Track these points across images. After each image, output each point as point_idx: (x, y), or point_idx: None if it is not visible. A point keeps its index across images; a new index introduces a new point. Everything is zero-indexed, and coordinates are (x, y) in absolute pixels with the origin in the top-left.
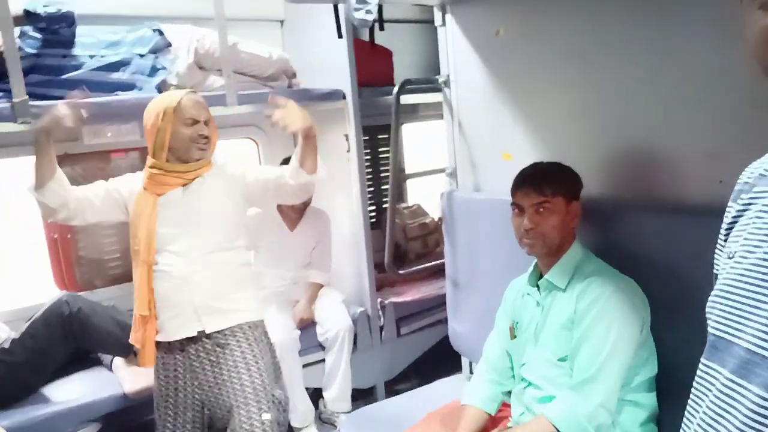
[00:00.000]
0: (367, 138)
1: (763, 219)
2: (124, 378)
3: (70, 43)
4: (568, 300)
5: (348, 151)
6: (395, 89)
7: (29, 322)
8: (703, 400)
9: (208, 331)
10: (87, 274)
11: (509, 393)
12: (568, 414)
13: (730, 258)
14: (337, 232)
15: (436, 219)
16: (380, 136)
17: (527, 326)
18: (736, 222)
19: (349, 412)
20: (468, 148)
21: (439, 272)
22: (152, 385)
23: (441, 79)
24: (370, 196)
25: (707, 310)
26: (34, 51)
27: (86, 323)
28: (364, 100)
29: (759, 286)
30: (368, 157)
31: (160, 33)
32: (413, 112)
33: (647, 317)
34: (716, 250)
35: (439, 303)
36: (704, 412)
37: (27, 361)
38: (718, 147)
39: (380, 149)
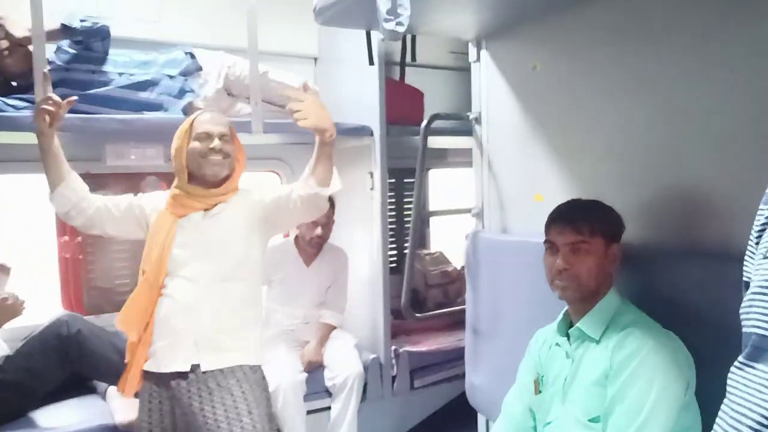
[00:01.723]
0: (392, 180)
1: None
2: (116, 408)
3: (101, 59)
4: (603, 353)
5: (372, 188)
6: (423, 124)
7: (24, 341)
8: (749, 401)
9: (204, 368)
10: (95, 298)
11: None
12: None
13: (765, 258)
14: (354, 273)
15: (459, 268)
16: (406, 180)
17: (554, 380)
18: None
19: None
20: (497, 187)
21: (459, 323)
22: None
23: (472, 116)
24: (392, 239)
25: (743, 311)
26: (64, 64)
27: (84, 346)
28: (392, 139)
29: None
30: (392, 200)
31: (192, 56)
32: (441, 157)
33: (692, 377)
34: (746, 257)
35: (457, 356)
36: (757, 413)
37: (18, 381)
38: None
39: (405, 193)
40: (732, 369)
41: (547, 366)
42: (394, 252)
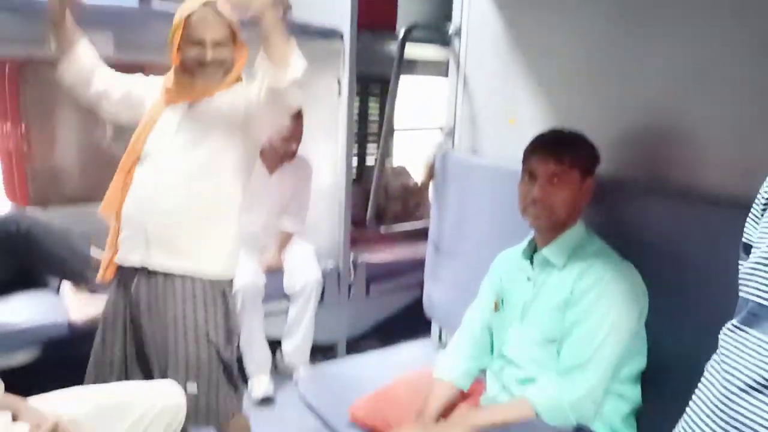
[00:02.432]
0: (357, 88)
1: None
2: (71, 305)
3: None
4: (565, 279)
5: (339, 95)
6: (400, 34)
7: None
8: (740, 364)
9: (151, 267)
10: (41, 190)
11: (484, 368)
12: (552, 400)
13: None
14: (317, 182)
15: (419, 183)
16: (372, 88)
17: (515, 302)
18: None
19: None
20: (470, 107)
21: (415, 235)
22: (99, 313)
23: (451, 29)
24: (354, 149)
25: (744, 276)
26: None
27: (35, 244)
28: (362, 45)
29: None
30: (356, 108)
31: None
32: (411, 65)
33: (645, 307)
34: (750, 219)
35: (412, 267)
36: (747, 376)
37: None
38: (747, 133)
39: (370, 102)
40: (725, 330)
41: (509, 287)
42: (356, 162)
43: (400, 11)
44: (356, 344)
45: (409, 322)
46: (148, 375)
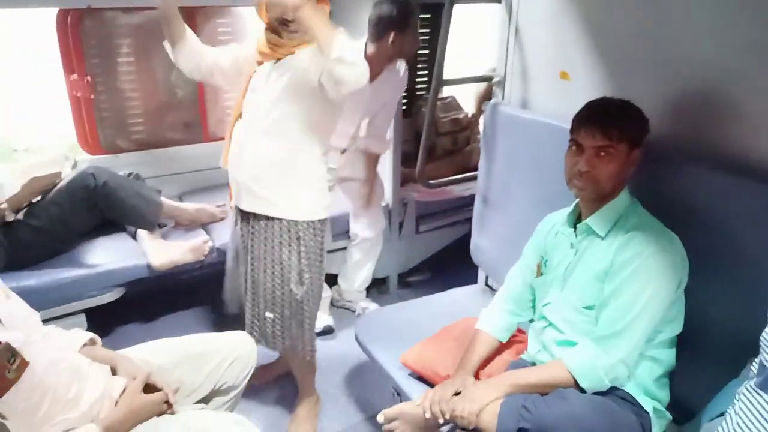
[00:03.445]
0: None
1: None
2: (148, 249)
3: None
4: (606, 250)
5: None
6: None
7: (54, 190)
8: (756, 427)
9: (243, 208)
10: (111, 137)
11: (525, 321)
12: (588, 365)
13: None
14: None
15: (470, 115)
16: (421, 16)
17: (557, 266)
18: None
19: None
20: (522, 58)
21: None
22: (174, 258)
23: None
24: None
25: (765, 343)
26: None
27: (111, 197)
28: None
29: None
30: None
31: None
32: None
33: (685, 278)
34: None
35: (461, 204)
36: None
37: (50, 228)
38: None
39: (420, 30)
40: (742, 390)
41: (552, 252)
42: (406, 95)
43: None
44: (407, 277)
45: (456, 259)
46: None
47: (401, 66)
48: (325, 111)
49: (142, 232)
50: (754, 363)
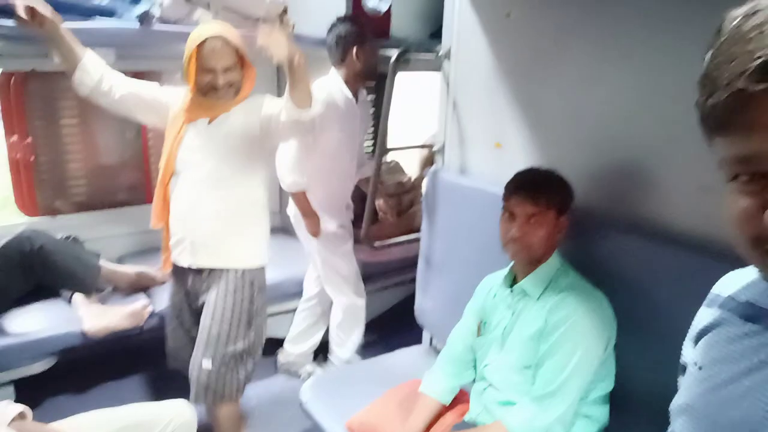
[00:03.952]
0: None
1: (728, 347)
2: (83, 315)
3: None
4: (540, 310)
5: None
6: (392, 58)
7: None
8: None
9: (198, 266)
10: (49, 199)
11: (467, 383)
12: (526, 425)
13: (696, 366)
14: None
15: (413, 178)
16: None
17: (495, 327)
18: (706, 332)
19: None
20: (459, 128)
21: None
22: (110, 325)
23: (442, 52)
24: None
25: (672, 410)
26: None
27: (48, 261)
28: None
29: (719, 408)
30: None
31: None
32: (405, 62)
33: (613, 336)
34: (685, 344)
35: (405, 265)
36: None
37: None
38: (710, 181)
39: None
40: None
41: (490, 313)
42: None
43: (393, 21)
44: None
45: (402, 320)
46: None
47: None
48: (266, 157)
49: (77, 297)
50: None
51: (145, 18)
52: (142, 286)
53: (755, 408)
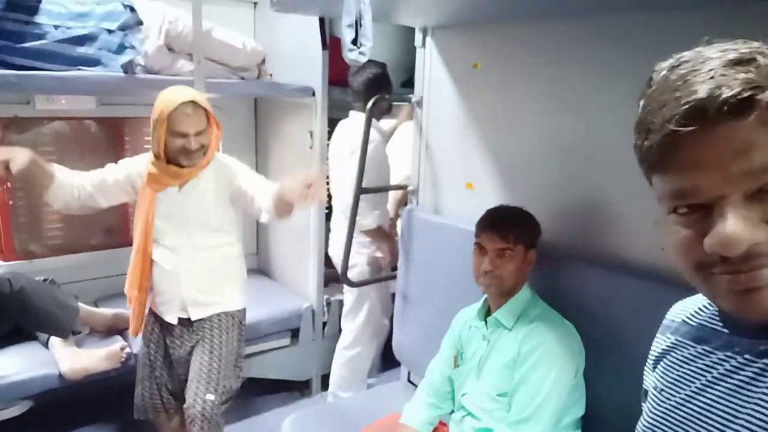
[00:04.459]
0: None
1: (684, 368)
2: (60, 358)
3: (34, 8)
4: (513, 340)
5: (311, 147)
6: (368, 106)
7: None
8: None
9: (191, 319)
10: (26, 242)
11: (446, 413)
12: None
13: (656, 390)
14: (290, 224)
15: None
16: None
17: (471, 357)
18: (663, 357)
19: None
20: (432, 169)
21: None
22: (88, 367)
23: (414, 99)
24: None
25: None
26: None
27: (26, 303)
28: (332, 98)
29: (680, 425)
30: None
31: (132, 9)
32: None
33: (582, 363)
34: (645, 370)
35: None
36: None
37: None
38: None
39: None
40: None
41: (467, 344)
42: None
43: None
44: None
45: (380, 356)
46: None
47: None
48: (239, 209)
49: (54, 340)
50: None
51: (129, 67)
52: (119, 328)
53: (712, 422)
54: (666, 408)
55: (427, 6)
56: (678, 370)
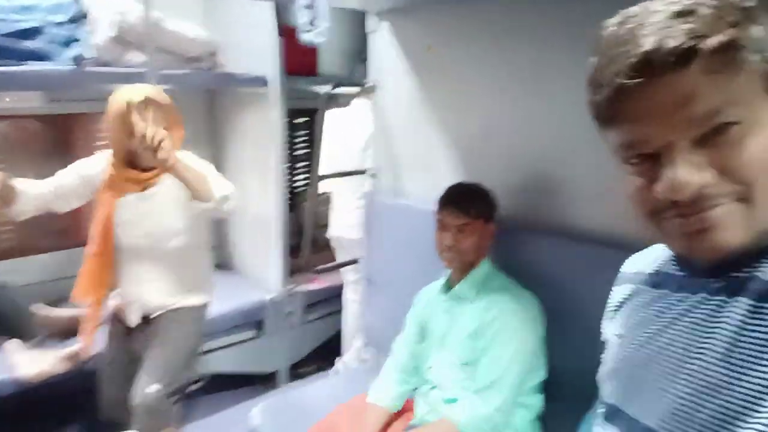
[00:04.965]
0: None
1: (642, 312)
2: (17, 362)
3: None
4: (475, 311)
5: (269, 136)
6: (324, 89)
7: None
8: None
9: (151, 317)
10: None
11: (413, 389)
12: (469, 416)
13: (617, 337)
14: (251, 216)
15: None
16: (297, 120)
17: (435, 331)
18: (621, 306)
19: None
20: (390, 152)
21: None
22: (47, 369)
23: (369, 83)
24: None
25: (600, 379)
26: None
27: None
28: (288, 86)
29: (641, 366)
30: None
31: (79, 2)
32: (335, 99)
33: (542, 330)
34: (604, 320)
35: None
36: None
37: None
38: (613, 183)
39: (296, 133)
40: (596, 422)
41: (430, 319)
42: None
43: (320, 59)
44: (297, 369)
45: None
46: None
47: None
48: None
49: (10, 344)
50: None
51: (79, 60)
52: (77, 329)
53: (671, 360)
54: (628, 351)
55: None
56: (638, 315)
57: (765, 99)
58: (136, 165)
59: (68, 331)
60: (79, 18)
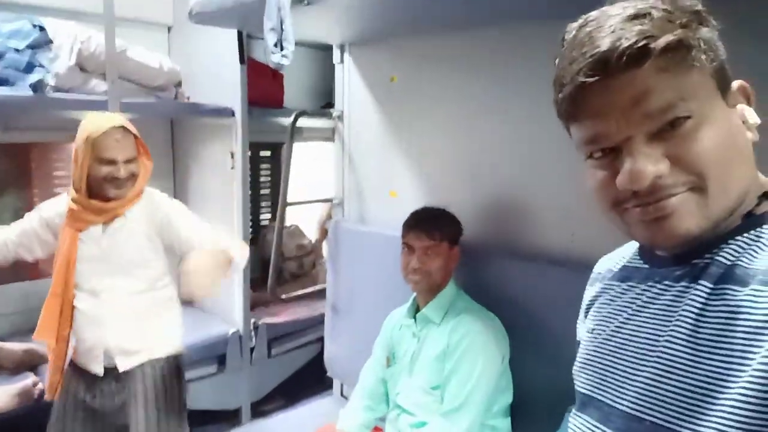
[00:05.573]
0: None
1: (611, 305)
2: None
3: None
4: (442, 334)
5: (233, 168)
6: (291, 119)
7: None
8: None
9: (119, 370)
10: None
11: (381, 417)
12: None
13: (589, 332)
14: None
15: (313, 241)
16: (262, 154)
17: (403, 356)
18: (593, 304)
19: None
20: (356, 181)
21: (312, 294)
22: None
23: (335, 114)
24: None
25: (574, 372)
26: None
27: None
28: (253, 118)
29: (612, 354)
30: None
31: (41, 28)
32: (299, 133)
33: (507, 351)
34: (578, 322)
35: (311, 324)
36: None
37: None
38: (572, 205)
39: (261, 166)
40: (571, 415)
41: (398, 344)
42: (250, 224)
43: (286, 94)
44: (260, 407)
45: (310, 378)
46: None
47: None
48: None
49: None
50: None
51: (39, 86)
52: (30, 364)
53: (640, 345)
54: (597, 343)
55: (341, 20)
56: (607, 309)
57: (717, 95)
58: (101, 195)
59: (20, 365)
60: (40, 45)
